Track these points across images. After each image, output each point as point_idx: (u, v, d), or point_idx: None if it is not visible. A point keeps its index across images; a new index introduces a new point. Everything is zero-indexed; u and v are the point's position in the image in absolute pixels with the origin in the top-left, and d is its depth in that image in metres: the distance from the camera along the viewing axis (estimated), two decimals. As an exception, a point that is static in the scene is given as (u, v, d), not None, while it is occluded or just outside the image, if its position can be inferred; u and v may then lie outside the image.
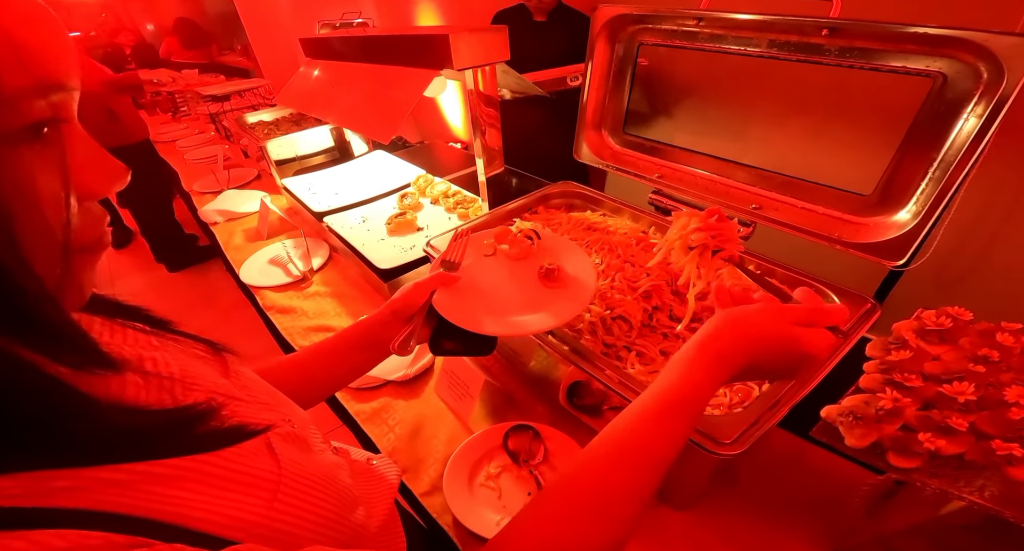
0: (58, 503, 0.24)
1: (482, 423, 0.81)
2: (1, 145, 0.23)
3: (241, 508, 0.30)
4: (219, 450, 0.31)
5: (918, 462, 0.45)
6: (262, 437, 0.35)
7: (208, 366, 0.41)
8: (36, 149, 0.25)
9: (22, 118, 0.24)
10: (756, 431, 0.52)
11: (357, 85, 1.12)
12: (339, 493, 0.38)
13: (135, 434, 0.28)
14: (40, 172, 0.25)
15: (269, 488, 0.32)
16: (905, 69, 0.60)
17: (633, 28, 0.88)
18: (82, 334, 0.28)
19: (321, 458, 0.42)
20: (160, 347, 0.38)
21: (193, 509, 0.28)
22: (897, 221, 0.63)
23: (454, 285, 0.67)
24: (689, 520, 0.65)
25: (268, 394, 0.45)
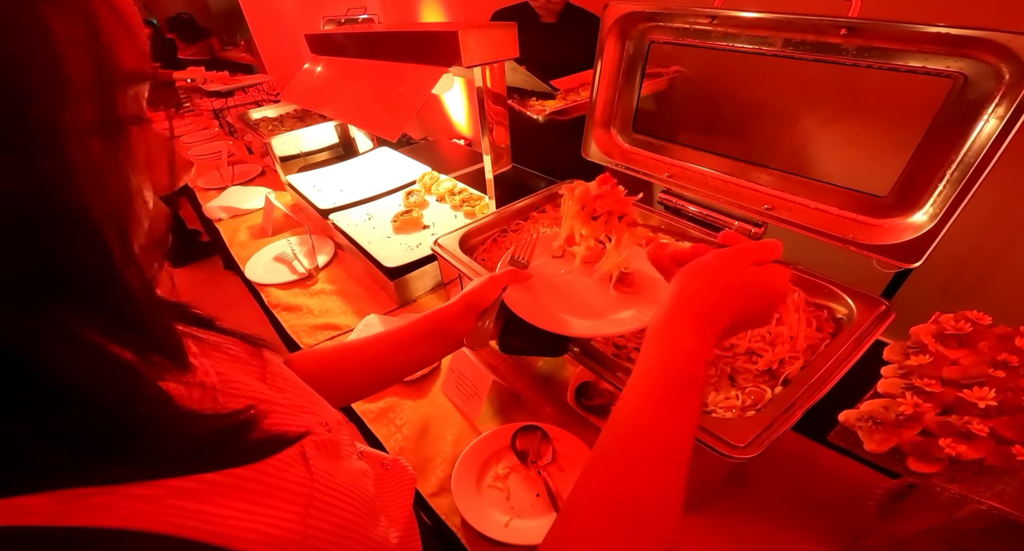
0: (92, 522, 0.22)
1: (490, 423, 0.81)
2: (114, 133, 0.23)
3: (274, 523, 0.29)
4: (256, 462, 0.30)
5: (938, 467, 0.44)
6: (297, 445, 0.33)
7: (246, 370, 0.40)
8: (132, 140, 0.24)
9: (132, 105, 0.24)
10: (771, 434, 0.51)
11: (364, 82, 1.11)
12: (364, 504, 0.37)
13: (190, 444, 0.27)
14: (135, 164, 0.24)
15: (302, 502, 0.31)
16: (925, 69, 0.59)
17: (644, 26, 0.87)
18: (173, 333, 0.27)
19: (349, 465, 0.41)
20: (199, 353, 0.36)
21: (225, 526, 0.26)
22: (913, 223, 0.62)
23: (525, 283, 0.66)
24: (698, 522, 0.65)
25: (305, 395, 0.44)
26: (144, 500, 0.24)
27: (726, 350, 0.65)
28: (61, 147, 0.20)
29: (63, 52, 0.20)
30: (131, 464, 0.24)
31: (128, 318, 0.24)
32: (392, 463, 0.55)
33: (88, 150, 0.22)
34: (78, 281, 0.21)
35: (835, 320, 0.66)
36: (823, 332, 0.65)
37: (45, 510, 0.22)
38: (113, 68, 0.23)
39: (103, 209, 0.22)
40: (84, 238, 0.22)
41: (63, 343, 0.21)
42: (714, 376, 0.64)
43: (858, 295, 0.64)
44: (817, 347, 0.63)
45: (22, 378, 0.20)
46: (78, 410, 0.22)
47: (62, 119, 0.20)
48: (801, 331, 0.64)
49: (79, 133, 0.21)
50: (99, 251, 0.22)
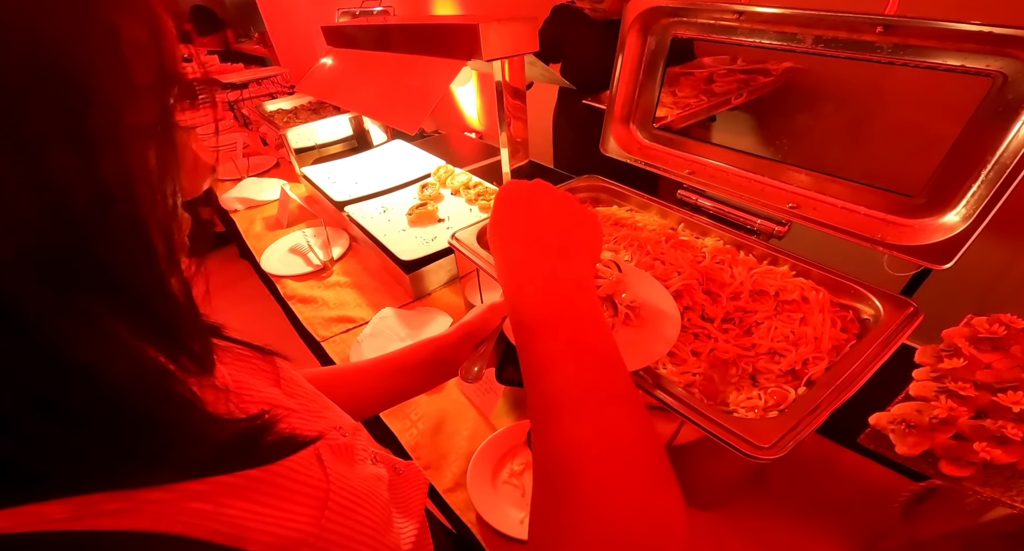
0: (106, 525, 0.22)
1: (505, 419, 0.81)
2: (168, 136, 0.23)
3: (288, 524, 0.28)
4: (270, 464, 0.29)
5: (971, 471, 0.44)
6: (312, 448, 0.33)
7: (258, 374, 0.40)
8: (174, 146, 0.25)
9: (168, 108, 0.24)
10: (796, 436, 0.50)
11: (381, 74, 1.10)
12: (379, 509, 0.37)
13: (211, 448, 0.26)
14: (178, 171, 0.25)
15: (318, 504, 0.31)
16: (963, 68, 0.57)
17: (667, 21, 0.85)
18: (206, 338, 0.27)
19: (364, 470, 0.41)
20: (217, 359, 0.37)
21: (239, 527, 0.26)
22: (945, 223, 0.61)
23: None
24: (715, 520, 0.65)
25: (318, 401, 0.44)
26: (159, 504, 0.24)
27: (748, 350, 0.64)
28: (121, 148, 0.21)
29: (129, 55, 0.21)
30: (154, 468, 0.24)
31: (167, 321, 0.24)
32: (405, 467, 0.55)
33: (144, 152, 0.22)
34: (123, 282, 0.22)
35: (860, 321, 0.65)
36: (848, 333, 0.64)
37: (61, 516, 0.21)
38: (169, 71, 0.24)
39: (152, 212, 0.23)
40: (134, 241, 0.22)
41: (102, 342, 0.21)
42: (735, 376, 0.63)
43: (885, 296, 0.63)
44: (842, 348, 0.62)
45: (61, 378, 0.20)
46: (112, 410, 0.22)
47: (124, 120, 0.21)
48: (826, 332, 0.63)
49: (138, 135, 0.22)
50: (146, 254, 0.22)
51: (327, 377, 0.58)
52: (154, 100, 0.23)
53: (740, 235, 0.79)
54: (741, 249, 0.78)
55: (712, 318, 0.69)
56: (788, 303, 0.68)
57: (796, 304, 0.67)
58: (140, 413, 0.23)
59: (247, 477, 0.28)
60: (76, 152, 0.19)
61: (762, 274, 0.71)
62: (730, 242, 0.79)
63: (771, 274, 0.71)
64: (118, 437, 0.22)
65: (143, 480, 0.24)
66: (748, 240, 0.77)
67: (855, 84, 0.68)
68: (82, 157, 0.19)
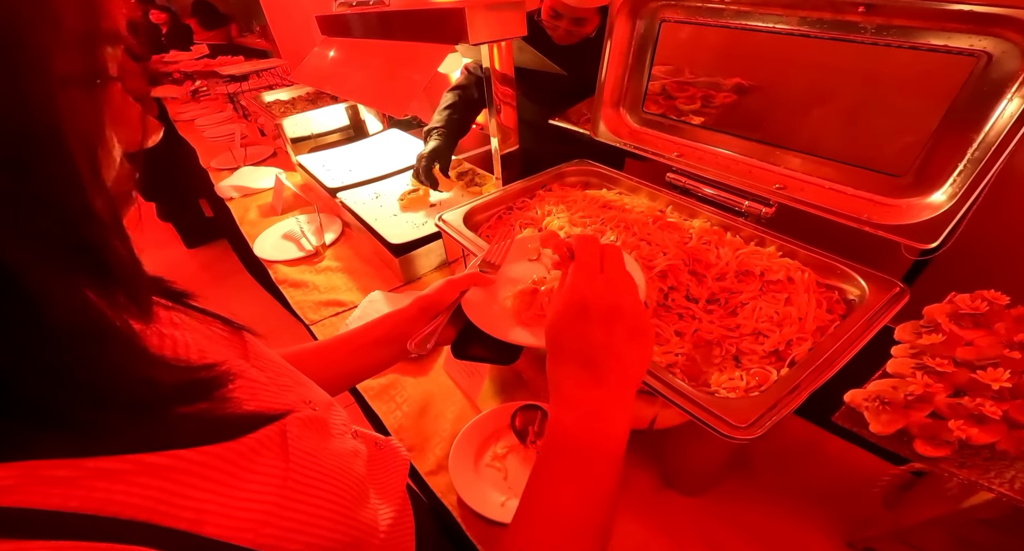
0: (55, 504, 0.22)
1: (490, 402, 0.80)
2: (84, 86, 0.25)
3: (248, 506, 0.28)
4: (232, 440, 0.29)
5: (947, 451, 0.42)
6: (278, 424, 0.33)
7: (227, 347, 0.39)
8: (99, 96, 0.26)
9: (98, 61, 0.25)
10: (774, 415, 0.50)
11: (372, 61, 1.10)
12: (351, 486, 0.37)
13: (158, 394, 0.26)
14: (99, 119, 0.26)
15: (277, 483, 0.31)
16: (947, 48, 0.56)
17: (655, 4, 0.84)
18: (140, 275, 0.27)
19: (339, 445, 0.41)
20: (180, 325, 0.36)
21: (195, 510, 0.26)
22: (932, 203, 0.60)
23: (488, 286, 0.62)
24: (698, 507, 0.64)
25: (289, 376, 0.43)
26: (112, 474, 0.24)
27: (732, 330, 0.64)
28: (48, 88, 0.22)
29: (56, 4, 0.23)
30: (96, 404, 0.24)
31: (94, 248, 0.24)
32: (384, 443, 0.54)
33: (70, 94, 0.23)
34: (49, 204, 0.22)
35: (846, 301, 0.64)
36: (833, 314, 0.63)
37: (5, 483, 0.21)
38: (99, 23, 0.25)
39: (77, 143, 0.23)
40: (58, 164, 0.22)
41: (34, 265, 0.21)
42: (719, 356, 0.63)
43: (871, 276, 0.62)
44: (827, 329, 0.61)
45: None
46: (45, 336, 0.22)
47: (52, 64, 0.22)
48: (810, 312, 0.62)
49: (65, 78, 0.23)
50: (71, 175, 0.23)
51: (289, 358, 0.58)
52: (84, 49, 0.24)
53: (728, 217, 0.78)
54: (729, 231, 0.77)
55: (697, 299, 0.68)
56: (773, 283, 0.67)
57: (781, 284, 0.67)
58: (68, 337, 0.23)
59: (207, 453, 0.27)
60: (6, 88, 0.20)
61: (748, 255, 0.70)
62: (718, 224, 0.79)
63: (757, 254, 0.70)
64: (43, 361, 0.22)
65: (87, 430, 0.23)
66: (736, 222, 0.77)
67: (841, 66, 0.67)
68: (13, 93, 0.21)
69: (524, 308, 0.58)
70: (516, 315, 0.58)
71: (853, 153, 0.68)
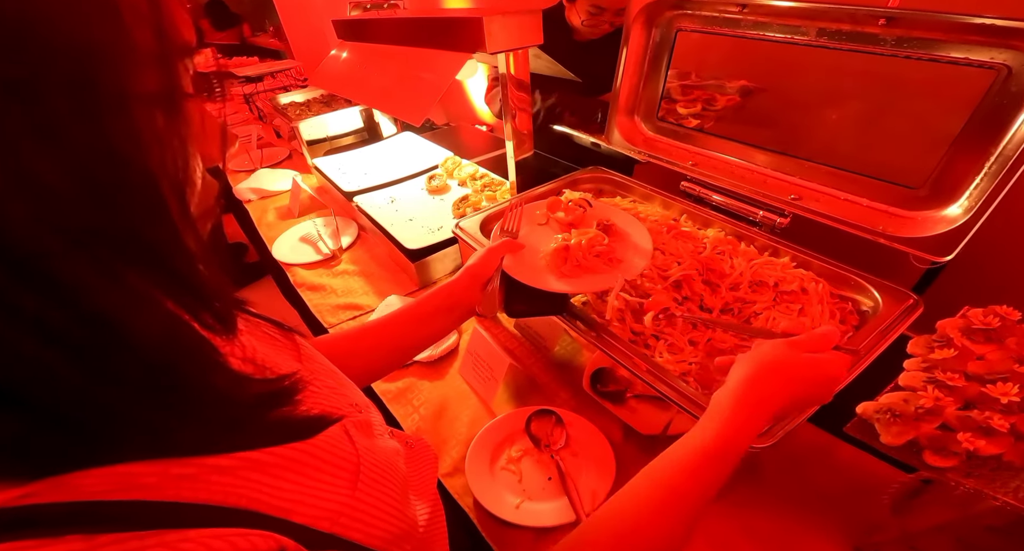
0: (182, 497, 0.24)
1: (505, 406, 0.82)
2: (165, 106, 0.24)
3: (328, 497, 0.30)
4: (309, 438, 0.31)
5: (955, 462, 0.44)
6: (341, 424, 0.35)
7: (281, 350, 0.41)
8: (180, 114, 0.26)
9: (175, 78, 0.25)
10: (786, 425, 0.51)
11: (389, 67, 1.12)
12: (399, 482, 0.39)
13: (244, 405, 0.28)
14: (182, 140, 0.26)
15: (350, 477, 0.33)
16: (967, 61, 0.57)
17: (671, 13, 0.85)
18: (227, 296, 0.28)
19: (383, 444, 0.42)
20: (243, 331, 0.37)
21: (287, 500, 0.28)
22: (947, 216, 0.61)
23: (519, 251, 0.71)
24: (710, 512, 0.65)
25: (334, 378, 0.45)
26: (225, 472, 0.26)
27: (745, 340, 0.65)
28: (129, 114, 0.22)
29: (127, 21, 0.22)
30: (192, 425, 0.25)
31: (184, 276, 0.25)
32: (416, 441, 0.57)
33: (152, 118, 0.23)
34: (141, 238, 0.23)
35: (860, 313, 0.65)
36: (847, 324, 0.64)
37: (144, 482, 0.23)
38: (173, 39, 0.24)
39: (164, 173, 0.24)
40: (147, 199, 0.23)
41: (122, 293, 0.22)
42: (731, 366, 0.64)
43: (885, 288, 0.63)
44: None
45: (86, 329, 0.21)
46: (138, 361, 0.23)
47: (129, 87, 0.22)
48: (824, 323, 0.63)
49: (144, 101, 0.23)
50: (160, 212, 0.24)
51: (347, 340, 0.61)
52: (159, 68, 0.24)
53: (742, 226, 0.79)
54: (742, 240, 0.78)
55: (711, 308, 0.70)
56: (787, 294, 0.68)
57: (795, 295, 0.68)
58: (167, 367, 0.24)
59: (296, 450, 0.30)
60: (87, 119, 0.20)
61: (762, 265, 0.71)
62: (732, 233, 0.80)
63: (771, 265, 0.71)
64: (147, 390, 0.24)
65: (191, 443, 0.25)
66: (750, 231, 0.77)
67: (859, 76, 0.67)
68: (92, 123, 0.20)
69: (560, 263, 0.69)
70: (555, 270, 0.69)
71: (869, 164, 0.68)
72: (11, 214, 0.19)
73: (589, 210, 0.77)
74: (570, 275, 0.67)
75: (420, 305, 0.65)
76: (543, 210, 0.78)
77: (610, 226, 0.73)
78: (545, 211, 0.78)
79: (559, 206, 0.78)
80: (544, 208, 0.78)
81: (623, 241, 0.72)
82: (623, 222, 0.75)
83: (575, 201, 0.79)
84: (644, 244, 0.70)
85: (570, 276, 0.67)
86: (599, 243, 0.69)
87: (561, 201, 0.79)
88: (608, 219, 0.74)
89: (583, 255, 0.68)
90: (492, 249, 0.69)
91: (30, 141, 0.19)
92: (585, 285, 0.66)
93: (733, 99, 0.83)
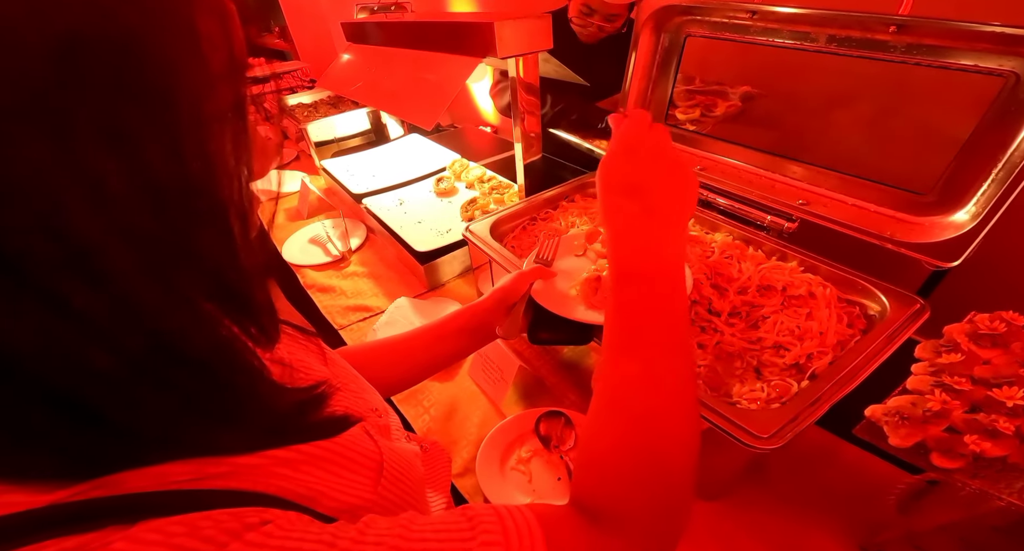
0: (221, 485, 0.25)
1: (514, 407, 0.83)
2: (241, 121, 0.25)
3: (352, 491, 0.32)
4: (334, 436, 0.33)
5: (961, 463, 0.45)
6: (362, 424, 0.36)
7: (310, 353, 0.43)
8: (248, 132, 0.26)
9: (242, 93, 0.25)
10: (795, 427, 0.52)
11: (399, 70, 1.13)
12: (419, 483, 0.40)
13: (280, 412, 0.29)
14: (247, 156, 0.26)
15: (374, 474, 0.34)
16: (976, 68, 0.58)
17: (680, 19, 0.86)
18: (274, 311, 0.29)
19: (402, 446, 0.43)
20: None
21: (312, 489, 0.29)
22: (955, 221, 0.61)
23: (550, 279, 0.70)
24: (715, 510, 0.66)
25: (356, 382, 0.46)
26: (254, 467, 0.27)
27: (753, 343, 0.66)
28: (203, 136, 0.23)
29: (206, 49, 0.23)
30: (229, 429, 0.27)
31: (240, 295, 0.26)
32: (431, 445, 0.58)
33: (222, 139, 0.24)
34: (203, 257, 0.24)
35: (867, 317, 0.66)
36: (854, 328, 0.65)
37: (184, 478, 0.25)
38: (239, 59, 0.25)
39: (229, 193, 0.25)
40: (212, 220, 0.24)
41: (186, 312, 0.23)
42: (740, 368, 0.65)
43: (893, 292, 0.63)
44: (847, 343, 0.63)
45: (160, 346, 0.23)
46: (192, 373, 0.24)
47: (205, 110, 0.23)
48: (831, 327, 0.64)
49: (216, 123, 0.23)
50: (225, 234, 0.25)
51: (370, 352, 0.62)
52: (228, 88, 0.24)
53: (750, 231, 0.80)
54: (750, 245, 0.79)
55: (719, 312, 0.70)
56: (795, 298, 0.69)
57: (803, 299, 0.68)
58: (217, 377, 0.25)
59: (320, 447, 0.31)
60: (164, 144, 0.21)
61: (770, 269, 0.72)
62: (739, 237, 0.80)
63: (779, 269, 0.72)
64: (197, 398, 0.25)
65: (230, 445, 0.27)
66: (757, 236, 0.78)
67: (867, 82, 0.68)
68: (169, 148, 0.21)
69: (591, 293, 0.66)
70: (584, 300, 0.66)
71: (877, 170, 0.69)
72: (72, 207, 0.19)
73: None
74: (600, 306, 0.65)
75: (444, 324, 0.65)
76: (581, 241, 0.76)
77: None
78: (583, 242, 0.76)
79: (597, 237, 0.76)
80: (583, 239, 0.76)
81: None
82: None
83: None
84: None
85: (600, 307, 0.65)
86: None
87: (600, 232, 0.77)
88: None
89: None
90: (523, 274, 0.67)
91: (98, 144, 0.19)
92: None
93: (734, 105, 0.84)
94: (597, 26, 1.31)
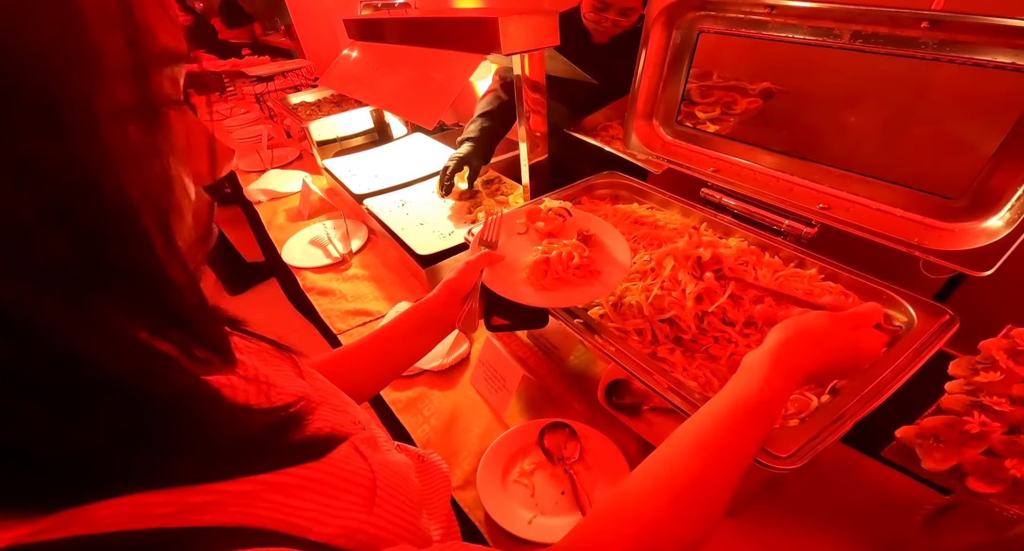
0: (204, 521, 0.23)
1: (518, 418, 0.80)
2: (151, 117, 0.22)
3: (345, 514, 0.30)
4: (323, 457, 0.31)
5: (1000, 488, 0.42)
6: (350, 441, 0.34)
7: (283, 369, 0.40)
8: (170, 125, 0.23)
9: (153, 88, 0.22)
10: (816, 446, 0.49)
11: (401, 68, 1.10)
12: (412, 495, 0.38)
13: (252, 436, 0.27)
14: (168, 153, 0.23)
15: (367, 494, 0.32)
16: (1014, 65, 0.54)
17: (693, 15, 0.83)
18: (219, 329, 0.27)
19: (393, 458, 0.41)
20: (244, 349, 0.37)
21: (304, 519, 0.27)
22: (988, 228, 0.58)
23: (498, 264, 0.69)
24: (732, 526, 0.63)
25: (336, 396, 0.44)
26: (243, 495, 0.25)
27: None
28: (97, 131, 0.19)
29: (92, 29, 0.19)
30: (193, 459, 0.24)
31: (172, 313, 0.23)
32: (426, 457, 0.55)
33: (125, 135, 0.21)
34: (120, 274, 0.21)
35: (893, 328, 0.62)
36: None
37: (164, 510, 0.22)
38: (148, 47, 0.21)
39: (143, 198, 0.21)
40: (125, 229, 0.21)
41: (106, 337, 0.20)
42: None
43: (919, 302, 0.60)
44: (870, 356, 0.59)
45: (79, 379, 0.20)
46: (132, 408, 0.22)
47: (96, 101, 0.19)
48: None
49: (115, 116, 0.20)
50: (141, 242, 0.21)
51: (329, 363, 0.59)
52: (133, 78, 0.21)
53: (766, 236, 0.76)
54: (767, 250, 0.75)
55: (733, 322, 0.67)
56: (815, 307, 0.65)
57: (822, 309, 0.65)
58: (144, 406, 0.22)
59: (312, 469, 0.29)
60: (51, 141, 0.18)
61: (788, 277, 0.69)
62: (755, 243, 0.77)
63: (797, 277, 0.69)
64: (123, 430, 0.22)
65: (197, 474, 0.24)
66: (774, 241, 0.75)
67: (892, 81, 0.65)
68: (56, 142, 0.18)
69: (540, 276, 0.67)
70: (534, 283, 0.67)
71: (904, 173, 0.66)
72: None
73: (569, 219, 0.76)
74: (550, 288, 0.66)
75: (397, 324, 0.64)
76: (523, 219, 0.78)
77: (590, 237, 0.72)
78: (525, 221, 0.78)
79: (539, 215, 0.77)
80: (524, 217, 0.78)
81: (602, 252, 0.71)
82: (602, 232, 0.74)
83: (555, 210, 0.77)
84: (622, 257, 0.69)
85: (550, 289, 0.65)
86: (579, 255, 0.68)
87: (541, 210, 0.78)
88: (588, 229, 0.73)
89: (563, 268, 0.67)
90: (470, 263, 0.66)
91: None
92: (565, 299, 0.65)
93: (755, 102, 0.81)
94: (612, 21, 1.28)
